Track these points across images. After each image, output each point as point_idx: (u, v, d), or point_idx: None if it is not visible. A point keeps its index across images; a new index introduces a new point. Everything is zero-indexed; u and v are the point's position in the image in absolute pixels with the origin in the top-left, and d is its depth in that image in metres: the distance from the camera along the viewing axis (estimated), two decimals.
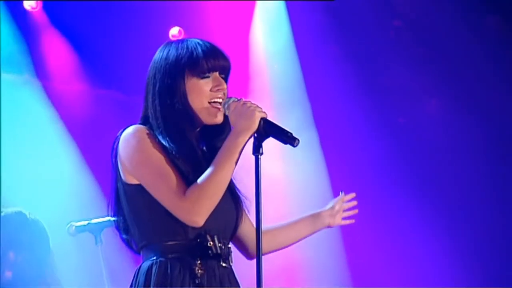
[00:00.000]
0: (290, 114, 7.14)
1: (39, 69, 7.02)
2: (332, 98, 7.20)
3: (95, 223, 4.97)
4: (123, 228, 2.79)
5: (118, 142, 2.73)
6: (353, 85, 7.13)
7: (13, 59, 6.92)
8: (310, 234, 3.19)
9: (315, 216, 3.12)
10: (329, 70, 7.18)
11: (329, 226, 3.21)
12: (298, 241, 3.19)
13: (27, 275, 5.43)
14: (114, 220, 2.87)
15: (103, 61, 7.16)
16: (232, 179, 2.72)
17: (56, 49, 7.03)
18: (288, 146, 2.68)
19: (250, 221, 2.94)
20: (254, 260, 2.66)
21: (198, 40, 2.83)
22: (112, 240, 4.24)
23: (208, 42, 2.83)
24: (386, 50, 7.15)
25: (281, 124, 2.72)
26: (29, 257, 5.51)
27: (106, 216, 3.91)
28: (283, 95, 7.28)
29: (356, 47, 7.24)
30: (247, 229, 2.90)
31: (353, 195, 3.16)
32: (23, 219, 5.47)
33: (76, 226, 5.02)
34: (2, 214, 5.47)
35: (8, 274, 5.37)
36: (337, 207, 3.11)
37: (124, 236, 2.81)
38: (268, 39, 7.34)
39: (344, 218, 3.08)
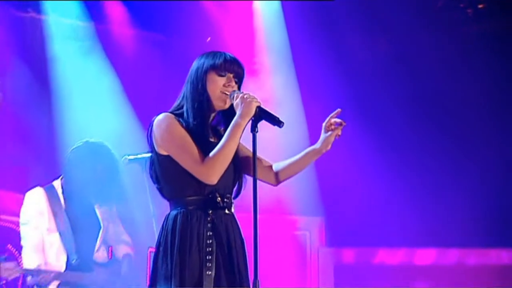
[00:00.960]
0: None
1: (98, 17, 8.14)
2: (310, 52, 8.71)
3: (142, 157, 5.69)
4: (156, 181, 3.57)
5: (153, 124, 3.51)
6: (322, 39, 8.77)
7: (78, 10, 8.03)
8: (312, 162, 3.85)
9: (315, 150, 3.71)
10: (307, 33, 8.81)
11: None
12: (305, 167, 3.85)
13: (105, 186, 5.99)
14: (150, 175, 3.67)
15: (148, 9, 8.30)
16: (237, 150, 3.47)
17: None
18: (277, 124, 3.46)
19: (263, 163, 3.76)
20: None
21: (226, 52, 3.63)
22: None
23: (232, 54, 3.63)
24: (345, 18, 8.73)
25: (271, 109, 3.50)
26: (109, 173, 6.06)
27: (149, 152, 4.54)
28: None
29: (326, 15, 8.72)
30: (262, 170, 3.65)
31: (339, 110, 3.67)
32: (106, 147, 6.14)
33: (129, 159, 5.88)
34: (90, 140, 6.12)
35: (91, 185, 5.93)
36: (330, 139, 3.66)
37: (157, 186, 3.59)
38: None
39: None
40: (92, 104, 8.14)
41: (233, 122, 3.41)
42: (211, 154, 3.37)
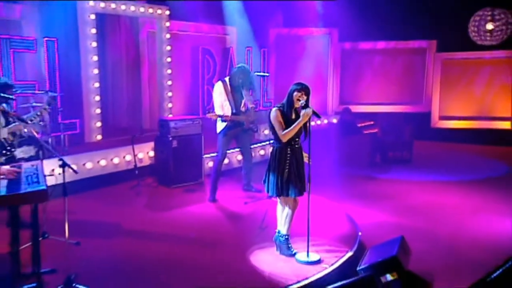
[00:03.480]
0: None
1: None
2: None
3: (263, 75, 10.11)
4: (271, 132, 5.36)
5: (270, 111, 5.33)
6: None
7: None
8: None
9: None
10: None
11: None
12: None
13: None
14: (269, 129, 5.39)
15: None
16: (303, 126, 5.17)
17: None
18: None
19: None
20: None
21: (302, 82, 5.29)
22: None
23: (305, 83, 5.28)
24: None
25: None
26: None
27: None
28: None
29: None
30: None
31: None
32: (247, 67, 7.86)
33: (257, 74, 9.51)
34: (240, 64, 7.90)
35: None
36: None
37: (271, 133, 5.41)
38: None
39: None
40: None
41: (300, 119, 5.18)
42: (287, 130, 5.17)
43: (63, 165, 4.89)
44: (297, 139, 5.30)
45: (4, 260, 4.96)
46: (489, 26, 12.63)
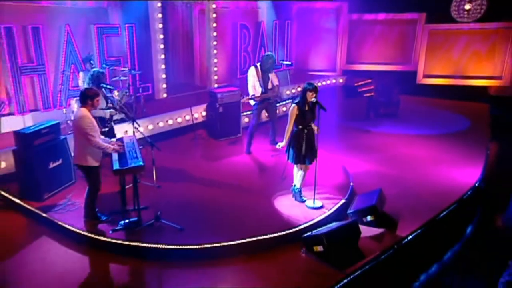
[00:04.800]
0: None
1: None
2: None
3: (285, 63, 10.51)
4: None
5: (290, 106, 5.82)
6: None
7: None
8: None
9: None
10: None
11: None
12: None
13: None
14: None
15: None
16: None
17: None
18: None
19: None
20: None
21: (314, 83, 5.70)
22: None
23: (315, 83, 5.70)
24: None
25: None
26: None
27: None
28: None
29: None
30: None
31: None
32: (273, 55, 7.98)
33: (281, 62, 10.55)
34: (268, 53, 8.04)
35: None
36: None
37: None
38: None
39: None
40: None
41: (288, 139, 5.91)
42: (287, 130, 5.82)
43: (151, 146, 5.61)
44: (310, 123, 5.83)
45: (111, 198, 5.83)
46: (467, 6, 12.72)
